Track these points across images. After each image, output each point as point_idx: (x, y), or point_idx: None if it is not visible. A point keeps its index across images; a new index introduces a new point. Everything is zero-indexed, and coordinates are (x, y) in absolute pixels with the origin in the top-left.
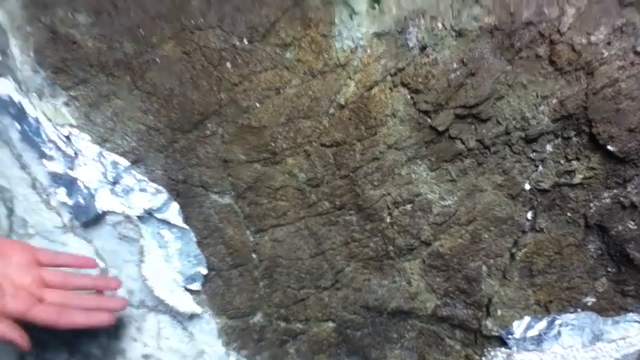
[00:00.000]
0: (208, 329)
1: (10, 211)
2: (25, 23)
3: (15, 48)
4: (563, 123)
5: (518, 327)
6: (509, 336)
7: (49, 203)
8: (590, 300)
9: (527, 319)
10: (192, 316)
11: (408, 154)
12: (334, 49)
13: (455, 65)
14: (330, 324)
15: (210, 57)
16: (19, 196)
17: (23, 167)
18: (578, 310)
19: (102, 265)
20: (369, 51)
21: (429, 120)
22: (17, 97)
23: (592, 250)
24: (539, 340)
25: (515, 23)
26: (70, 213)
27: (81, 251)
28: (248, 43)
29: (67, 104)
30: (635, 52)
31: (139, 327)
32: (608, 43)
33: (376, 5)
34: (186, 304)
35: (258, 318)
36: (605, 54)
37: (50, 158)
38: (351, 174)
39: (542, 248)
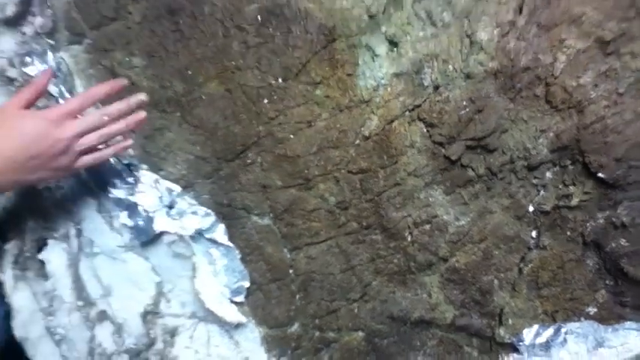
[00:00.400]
0: (252, 337)
1: (79, 232)
2: (88, 66)
3: (80, 88)
4: (560, 153)
5: (528, 334)
6: (520, 343)
7: (112, 225)
8: (592, 310)
9: (535, 327)
10: (237, 326)
11: (426, 180)
12: (359, 87)
13: (464, 103)
14: (360, 333)
15: (249, 94)
16: (87, 219)
17: (91, 193)
18: (582, 319)
19: (158, 279)
20: (389, 89)
21: (443, 150)
22: None
23: (591, 265)
24: (547, 346)
25: (515, 68)
26: (131, 234)
27: (139, 267)
28: (282, 82)
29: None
30: (618, 94)
31: (191, 336)
32: (595, 85)
33: (394, 49)
34: (232, 314)
35: (295, 328)
36: (593, 95)
37: (114, 185)
38: (375, 198)
39: (546, 263)
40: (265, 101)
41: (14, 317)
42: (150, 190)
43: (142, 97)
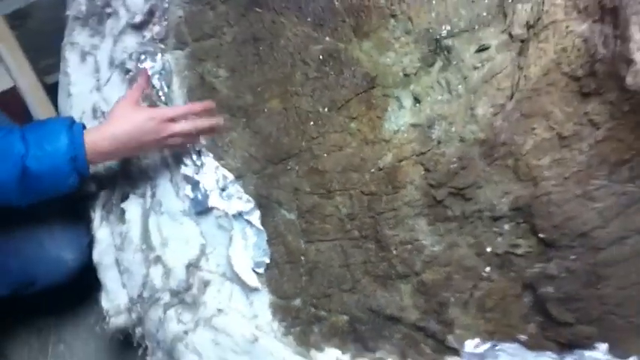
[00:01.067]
0: (263, 302)
1: (154, 194)
2: (185, 69)
3: (175, 85)
4: (516, 213)
5: (469, 345)
6: (463, 350)
7: (178, 194)
8: (522, 337)
9: (477, 340)
10: (254, 290)
11: (416, 211)
12: (384, 128)
13: (454, 159)
14: (345, 317)
15: (300, 115)
16: (160, 186)
17: (167, 167)
18: (514, 342)
19: (203, 242)
20: (405, 135)
21: (432, 191)
22: None
23: (526, 301)
24: (482, 357)
25: (496, 141)
26: (190, 203)
27: (191, 230)
28: (327, 111)
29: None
30: (564, 177)
31: (219, 289)
32: (549, 168)
33: (417, 104)
34: (252, 280)
35: (297, 302)
36: (546, 174)
37: (185, 164)
38: (376, 216)
39: (492, 293)
40: (311, 124)
41: (95, 246)
42: (210, 174)
43: (220, 120)
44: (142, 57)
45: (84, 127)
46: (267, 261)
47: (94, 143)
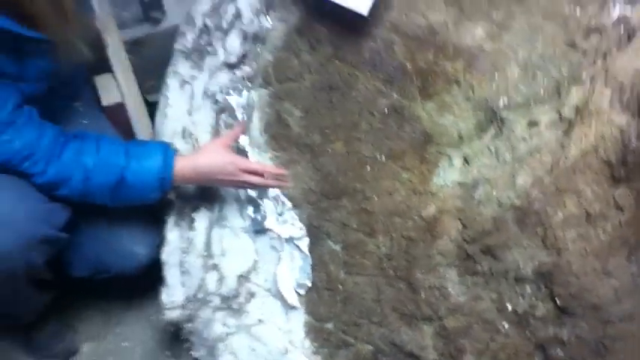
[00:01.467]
0: (299, 320)
1: (221, 209)
2: (265, 106)
3: (255, 118)
4: (539, 277)
5: None
6: None
7: (241, 212)
8: None
9: None
10: (292, 308)
11: (448, 261)
12: (432, 182)
13: (490, 220)
14: (370, 347)
15: (360, 159)
16: (227, 204)
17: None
18: None
19: (256, 257)
20: (450, 191)
21: (466, 245)
22: (247, 148)
23: (536, 359)
24: None
25: (530, 209)
26: (250, 222)
27: (247, 245)
28: (384, 159)
29: (271, 159)
30: (585, 250)
31: (263, 302)
32: (573, 242)
33: (466, 165)
34: (292, 299)
35: (329, 325)
36: (570, 247)
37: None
38: (411, 260)
39: (506, 347)
40: (368, 168)
41: (164, 246)
42: (272, 200)
43: (290, 184)
44: (230, 92)
45: (176, 152)
46: (309, 284)
47: (181, 169)
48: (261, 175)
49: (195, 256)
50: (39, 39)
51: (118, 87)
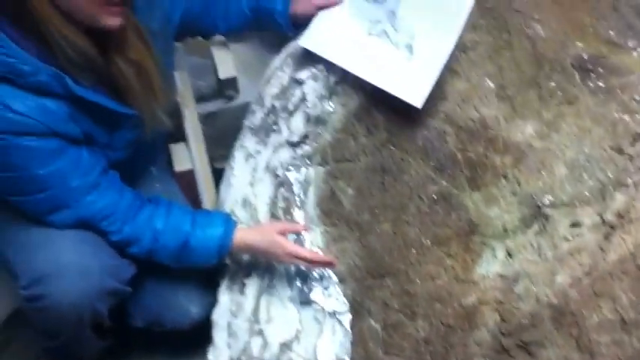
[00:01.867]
0: None
1: (271, 279)
2: (321, 182)
3: (310, 193)
4: None
5: None
6: None
7: (290, 283)
8: None
9: None
10: None
11: (483, 352)
12: (475, 271)
13: (528, 316)
14: None
15: (406, 241)
16: (278, 273)
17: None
18: None
19: (299, 327)
20: (492, 282)
21: (502, 338)
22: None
23: None
24: None
25: (566, 309)
26: (298, 293)
27: (293, 315)
28: (430, 244)
29: (322, 233)
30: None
31: None
32: (607, 346)
33: (508, 258)
34: None
35: None
36: (604, 351)
37: None
38: (448, 347)
39: None
40: (413, 251)
41: (216, 307)
42: (319, 272)
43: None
44: (290, 167)
45: (236, 223)
46: (348, 359)
47: (238, 240)
48: (309, 261)
49: (242, 319)
50: (130, 115)
51: (190, 155)
